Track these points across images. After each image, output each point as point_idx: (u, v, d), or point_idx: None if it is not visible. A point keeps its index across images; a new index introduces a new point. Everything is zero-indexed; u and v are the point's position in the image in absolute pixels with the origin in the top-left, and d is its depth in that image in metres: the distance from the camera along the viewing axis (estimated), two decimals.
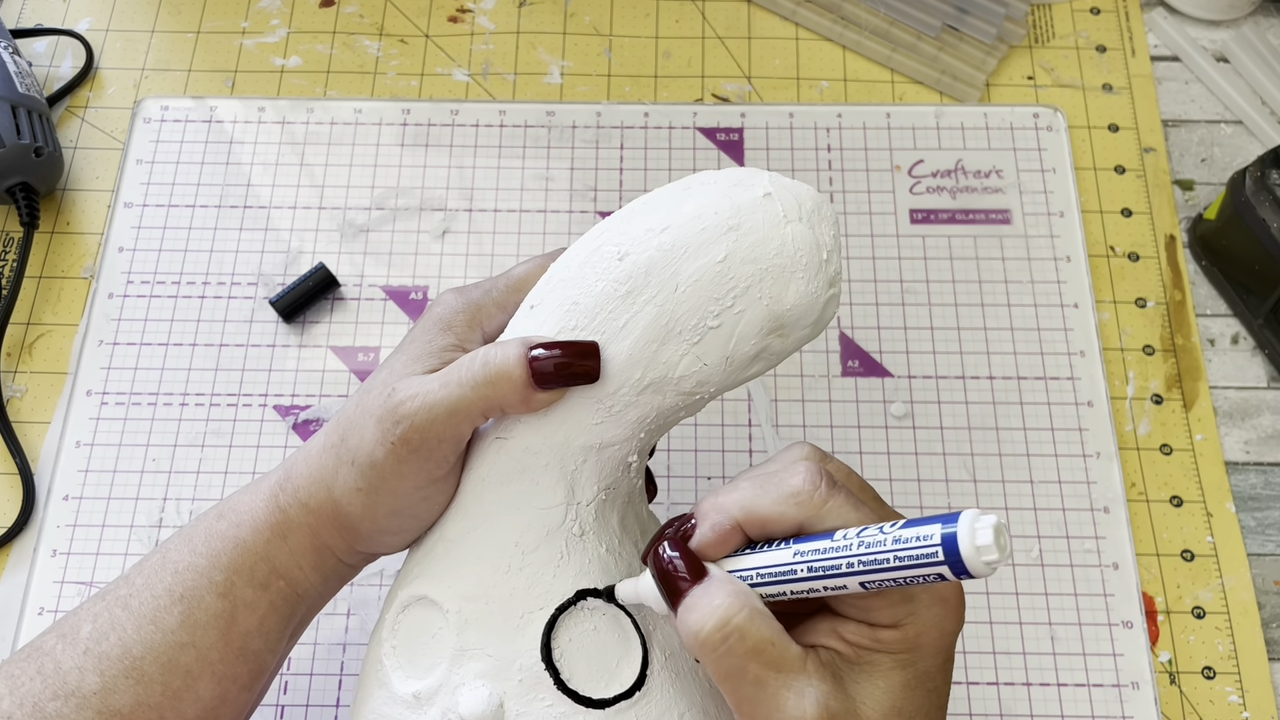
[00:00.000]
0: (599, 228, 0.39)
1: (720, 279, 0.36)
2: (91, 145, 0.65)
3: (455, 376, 0.37)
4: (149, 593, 0.39)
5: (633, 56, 0.67)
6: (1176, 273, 0.61)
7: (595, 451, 0.38)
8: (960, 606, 0.34)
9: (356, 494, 0.38)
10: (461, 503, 0.39)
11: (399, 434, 0.37)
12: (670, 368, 0.36)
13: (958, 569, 0.30)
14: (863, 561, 0.31)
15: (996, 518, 0.29)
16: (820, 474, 0.33)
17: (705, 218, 0.36)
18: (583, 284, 0.37)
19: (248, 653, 0.39)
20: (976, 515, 0.30)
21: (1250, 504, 0.56)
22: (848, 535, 0.32)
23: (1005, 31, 0.67)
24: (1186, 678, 0.53)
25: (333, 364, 0.59)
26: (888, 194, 0.63)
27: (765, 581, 0.33)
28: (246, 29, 0.68)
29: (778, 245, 0.36)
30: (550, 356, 0.36)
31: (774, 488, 0.34)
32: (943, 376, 0.58)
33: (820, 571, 0.32)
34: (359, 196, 0.63)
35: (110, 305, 0.60)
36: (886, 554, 0.31)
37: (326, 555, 0.40)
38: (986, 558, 0.29)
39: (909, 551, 0.31)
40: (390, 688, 0.38)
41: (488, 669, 0.37)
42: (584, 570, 0.38)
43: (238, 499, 0.41)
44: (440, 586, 0.38)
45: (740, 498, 0.34)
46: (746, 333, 0.36)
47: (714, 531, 0.34)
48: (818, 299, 0.37)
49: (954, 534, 0.30)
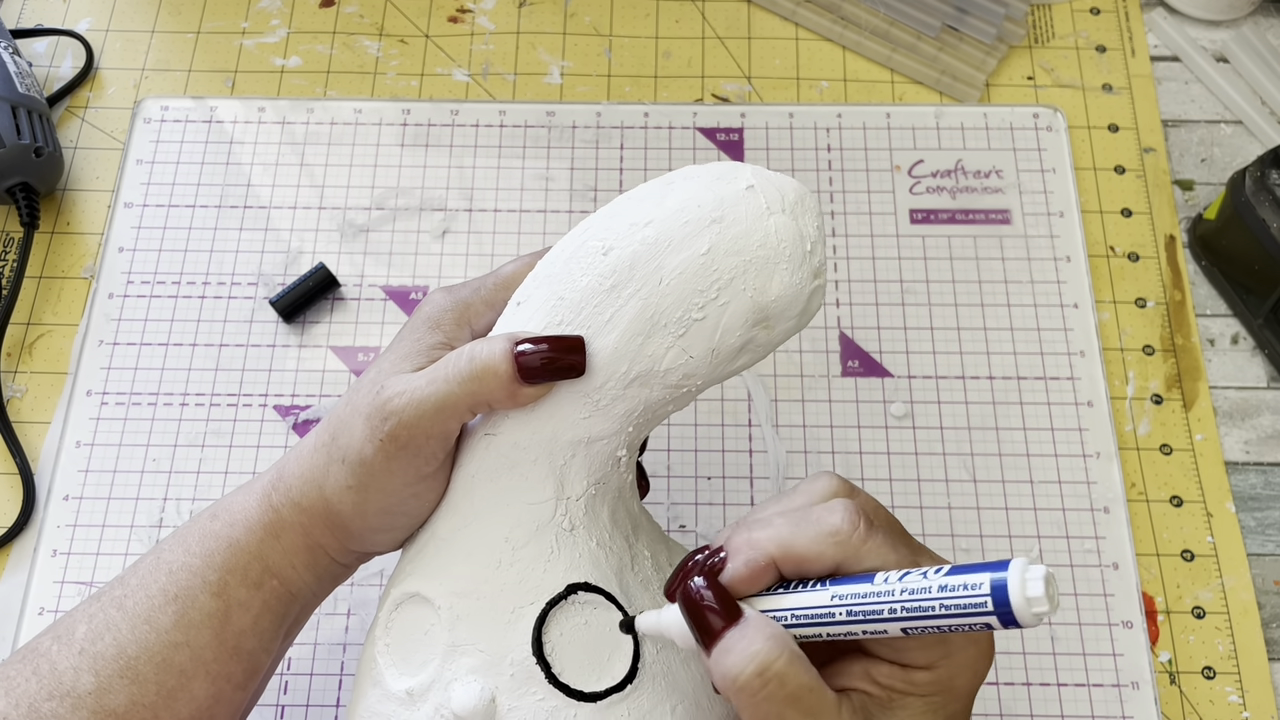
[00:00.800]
0: (584, 224, 0.39)
1: (704, 271, 0.36)
2: (91, 145, 0.65)
3: (442, 373, 0.37)
4: (143, 593, 0.39)
5: (633, 56, 0.67)
6: (1176, 273, 0.61)
7: (584, 446, 0.38)
8: (991, 648, 0.33)
9: (347, 492, 0.38)
10: (452, 500, 0.39)
11: (387, 430, 0.37)
12: (656, 361, 0.37)
13: (1006, 620, 0.29)
14: (906, 609, 0.31)
15: (1046, 568, 0.29)
16: (859, 513, 0.33)
17: (688, 211, 0.37)
18: (568, 279, 0.38)
19: (242, 652, 0.39)
20: (1026, 565, 0.29)
21: (1250, 504, 0.56)
22: (889, 580, 0.31)
23: (1005, 31, 0.67)
24: (1186, 678, 0.53)
25: (333, 364, 0.59)
26: (888, 194, 0.63)
27: (801, 623, 0.33)
28: (246, 29, 0.68)
29: (761, 237, 0.36)
30: (536, 351, 0.36)
31: (811, 526, 0.33)
32: (943, 376, 0.58)
33: (861, 616, 0.31)
34: (359, 196, 0.63)
35: (110, 305, 0.60)
36: (932, 601, 0.30)
37: (319, 554, 0.40)
38: (1037, 609, 0.28)
39: (956, 600, 0.30)
40: (384, 685, 0.39)
41: (480, 664, 0.37)
42: (574, 564, 0.38)
43: (231, 499, 0.41)
44: (432, 583, 0.38)
45: (775, 534, 0.33)
46: (731, 325, 0.36)
47: (748, 568, 0.33)
48: (802, 290, 0.37)
49: (1004, 584, 0.29)
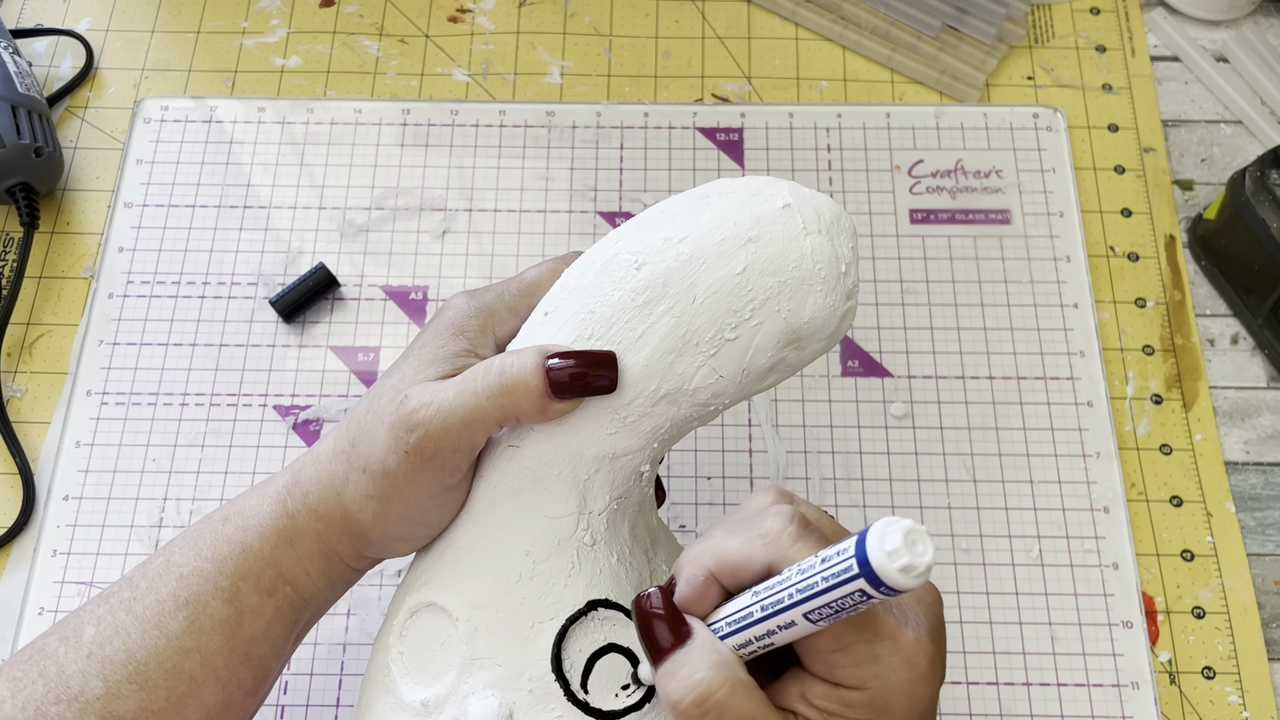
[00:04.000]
0: (615, 234, 0.38)
1: (739, 291, 0.36)
2: (91, 145, 0.65)
3: (470, 385, 0.36)
4: (153, 597, 0.38)
5: (633, 56, 0.67)
6: (1176, 273, 0.61)
7: (608, 461, 0.37)
8: (932, 671, 0.32)
9: (368, 501, 0.38)
10: (473, 510, 0.39)
11: (413, 442, 0.36)
12: (686, 379, 0.36)
13: (874, 581, 0.27)
14: (799, 589, 0.30)
15: (911, 522, 0.27)
16: (792, 516, 0.32)
17: (724, 228, 0.36)
18: (599, 292, 0.37)
19: (253, 658, 0.39)
20: (891, 521, 0.27)
21: (1250, 504, 0.56)
22: (792, 568, 0.30)
23: (1005, 31, 0.67)
24: (1186, 678, 0.53)
25: (333, 364, 0.59)
26: (888, 194, 0.63)
27: (733, 629, 0.32)
28: (246, 29, 0.68)
29: (797, 258, 0.36)
30: (567, 366, 0.36)
31: (743, 532, 0.32)
32: (943, 376, 0.58)
33: (770, 609, 0.30)
34: (359, 196, 0.63)
35: (110, 305, 0.60)
36: (815, 577, 0.29)
37: (334, 561, 0.40)
38: (898, 563, 0.27)
39: (831, 569, 0.28)
40: (397, 694, 0.38)
41: (497, 679, 0.37)
42: (595, 580, 0.37)
43: (244, 502, 0.40)
44: (450, 594, 0.38)
45: (711, 545, 0.33)
46: (764, 345, 0.36)
47: (690, 585, 0.33)
48: (835, 311, 0.37)
49: (864, 544, 0.27)
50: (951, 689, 0.52)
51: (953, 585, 0.54)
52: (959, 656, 0.52)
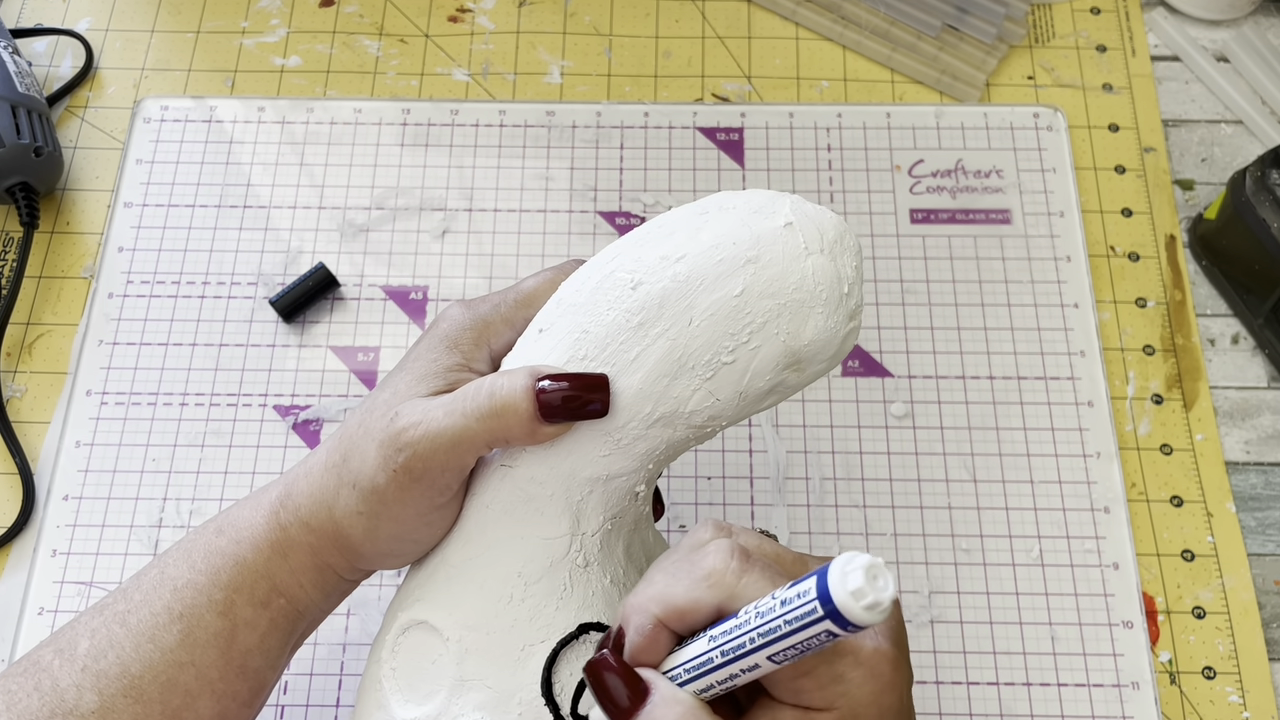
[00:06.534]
0: (612, 249, 0.38)
1: (737, 314, 0.35)
2: (91, 145, 0.65)
3: (460, 406, 0.36)
4: (147, 609, 0.38)
5: (633, 56, 0.67)
6: (1176, 273, 0.61)
7: (602, 483, 0.37)
8: (896, 675, 0.31)
9: (358, 517, 0.38)
10: (464, 528, 0.38)
11: (401, 462, 0.36)
12: (682, 403, 0.35)
13: (840, 621, 0.27)
14: (760, 634, 0.29)
15: (870, 557, 0.26)
16: (732, 550, 0.31)
17: (723, 248, 0.35)
18: (594, 311, 0.36)
19: (248, 670, 0.39)
20: (850, 558, 0.26)
21: (1250, 504, 0.56)
22: (749, 609, 0.29)
23: (1005, 31, 0.67)
24: (1187, 678, 0.53)
25: (333, 364, 0.59)
26: (888, 194, 0.63)
27: (693, 676, 0.31)
28: (246, 29, 0.68)
29: (797, 279, 0.35)
30: (558, 389, 0.35)
31: (686, 574, 0.32)
32: (943, 376, 0.58)
33: (732, 654, 0.30)
34: (359, 196, 0.63)
35: (110, 305, 0.60)
36: (776, 620, 0.28)
37: (328, 573, 0.40)
38: (864, 601, 0.26)
39: (792, 613, 0.28)
40: (389, 710, 0.38)
41: (487, 700, 0.36)
42: (587, 603, 0.37)
43: (237, 514, 0.40)
44: (441, 613, 0.38)
45: (655, 592, 0.32)
46: (762, 369, 0.35)
47: (639, 634, 0.32)
48: (837, 333, 0.36)
49: (826, 583, 0.26)
50: (952, 689, 0.52)
51: (953, 585, 0.54)
52: (959, 656, 0.52)
